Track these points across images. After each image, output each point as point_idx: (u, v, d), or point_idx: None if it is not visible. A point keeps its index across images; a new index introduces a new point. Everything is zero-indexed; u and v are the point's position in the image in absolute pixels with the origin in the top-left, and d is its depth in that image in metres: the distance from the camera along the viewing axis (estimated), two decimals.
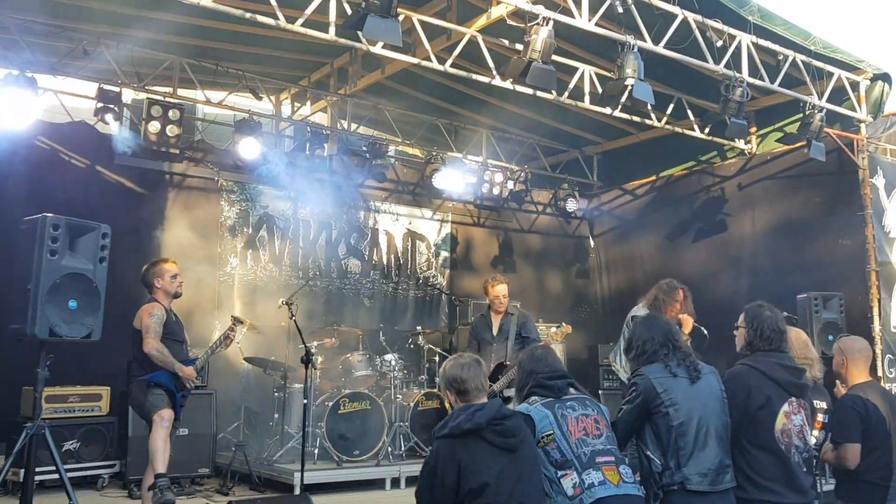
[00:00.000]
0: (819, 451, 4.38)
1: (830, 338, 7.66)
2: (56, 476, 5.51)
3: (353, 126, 10.63)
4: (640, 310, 6.66)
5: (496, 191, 11.21)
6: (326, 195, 10.26)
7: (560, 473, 3.50)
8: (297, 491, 6.73)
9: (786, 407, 3.80)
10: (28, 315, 4.49)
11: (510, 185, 11.36)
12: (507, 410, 3.52)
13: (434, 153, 10.90)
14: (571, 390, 3.79)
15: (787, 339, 4.03)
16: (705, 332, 6.18)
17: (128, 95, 8.94)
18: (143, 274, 5.74)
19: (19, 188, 7.62)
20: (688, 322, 6.23)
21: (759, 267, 9.73)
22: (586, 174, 12.15)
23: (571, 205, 11.67)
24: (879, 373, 8.27)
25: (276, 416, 8.02)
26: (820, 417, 4.39)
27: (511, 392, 6.21)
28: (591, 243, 12.60)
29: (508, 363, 6.51)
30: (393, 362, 8.43)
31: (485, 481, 3.26)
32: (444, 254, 11.46)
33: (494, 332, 6.83)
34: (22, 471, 5.31)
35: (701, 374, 3.82)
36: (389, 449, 7.93)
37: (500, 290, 6.83)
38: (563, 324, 6.91)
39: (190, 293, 6.08)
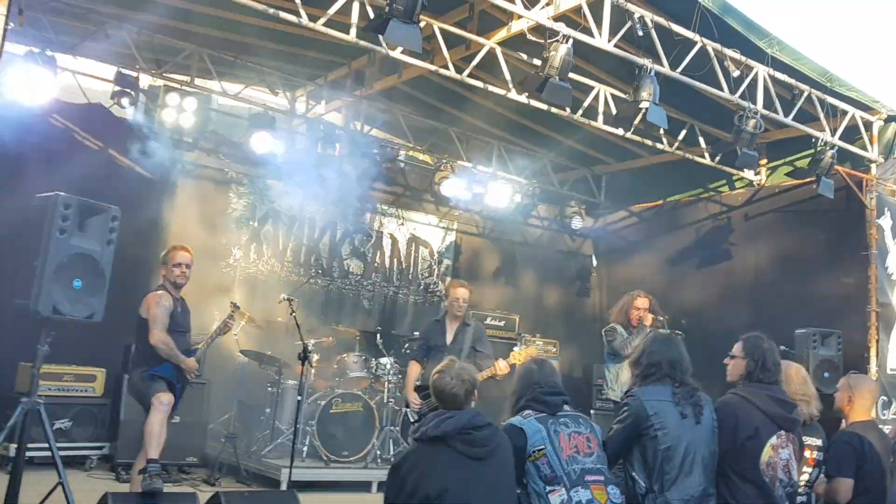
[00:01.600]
0: (810, 489, 4.39)
1: (826, 374, 7.68)
2: (45, 453, 5.51)
3: (366, 128, 10.67)
4: (612, 325, 7.08)
5: (503, 203, 11.24)
6: (334, 195, 10.29)
7: (549, 489, 3.52)
8: (284, 487, 6.73)
9: (774, 440, 3.81)
10: (33, 291, 4.52)
11: (517, 198, 11.40)
12: (480, 421, 3.53)
13: (444, 160, 10.94)
14: (566, 407, 3.81)
15: (780, 371, 4.05)
16: (661, 318, 6.94)
17: (145, 81, 8.98)
18: (161, 257, 5.74)
19: (31, 165, 7.66)
20: (647, 317, 6.89)
21: (759, 298, 9.74)
22: (594, 193, 12.16)
23: (577, 222, 11.69)
24: (873, 414, 8.22)
25: (268, 410, 8.03)
26: (814, 455, 4.39)
27: None
28: (594, 262, 12.61)
29: None
30: (388, 366, 8.44)
31: (444, 486, 3.31)
32: (447, 261, 11.48)
33: (448, 340, 6.58)
34: (12, 446, 5.34)
35: (703, 412, 3.81)
36: (378, 452, 7.94)
37: (462, 293, 6.62)
38: (524, 346, 6.80)
39: (191, 282, 6.07)
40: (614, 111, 8.45)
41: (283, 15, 6.51)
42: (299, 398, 6.55)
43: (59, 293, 4.57)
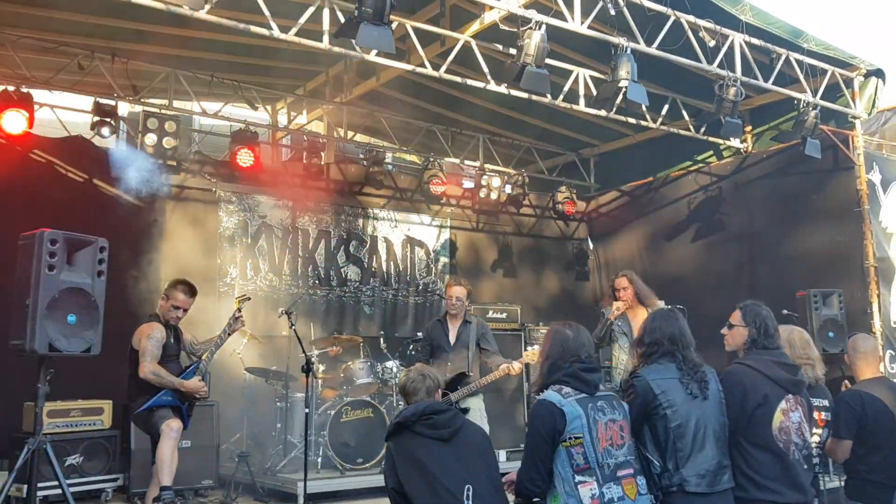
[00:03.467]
0: (822, 450, 4.39)
1: (831, 334, 7.69)
2: (59, 491, 5.49)
3: (350, 134, 10.65)
4: (603, 309, 7.02)
5: (494, 195, 11.24)
6: (325, 203, 10.29)
7: (578, 479, 3.41)
8: (301, 500, 6.72)
9: (783, 404, 3.79)
10: (27, 330, 4.50)
11: (508, 189, 11.40)
12: (439, 406, 3.80)
13: (431, 159, 10.93)
14: (601, 386, 3.66)
15: (781, 336, 4.04)
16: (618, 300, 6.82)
17: (124, 108, 8.96)
18: (167, 286, 5.77)
19: (16, 202, 7.62)
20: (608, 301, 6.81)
21: (757, 265, 9.75)
22: (583, 176, 12.17)
23: (569, 207, 11.70)
24: (881, 369, 8.26)
25: (279, 425, 8.01)
26: (822, 416, 4.39)
27: (469, 402, 6.19)
28: (590, 245, 12.61)
29: (471, 374, 6.35)
30: (394, 369, 8.41)
31: (421, 464, 3.57)
32: (444, 259, 11.46)
33: (451, 339, 6.49)
34: (24, 486, 5.32)
35: (709, 387, 3.77)
36: None
37: (455, 291, 6.52)
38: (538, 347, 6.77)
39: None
40: (595, 93, 8.42)
41: (254, 29, 6.49)
42: (307, 410, 6.52)
43: (53, 330, 4.54)
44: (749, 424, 3.76)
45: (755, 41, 7.98)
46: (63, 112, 8.80)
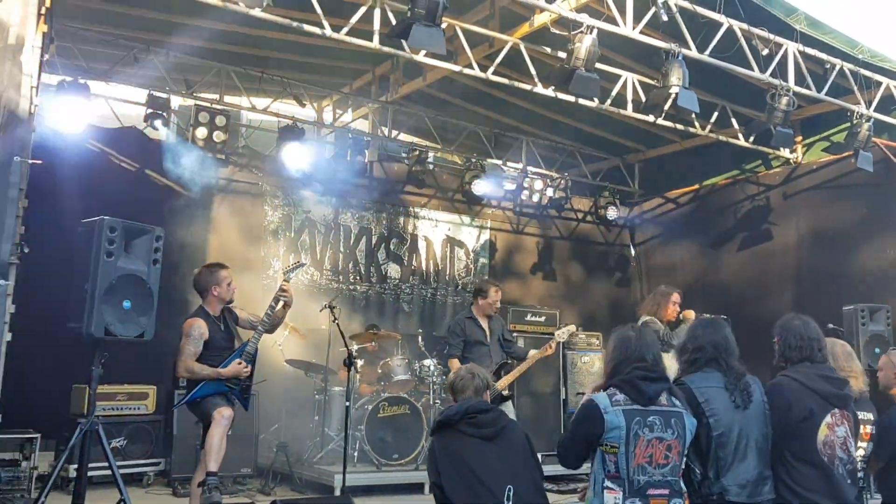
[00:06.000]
0: (867, 464, 4.33)
1: (877, 350, 7.52)
2: (104, 472, 5.63)
3: (394, 133, 10.73)
4: (649, 317, 7.20)
5: (536, 198, 11.23)
6: (367, 201, 10.39)
7: (607, 483, 3.44)
8: (338, 493, 6.80)
9: (828, 419, 3.75)
10: (85, 314, 4.63)
11: (550, 192, 11.38)
12: (485, 405, 3.88)
13: (474, 160, 10.95)
14: (662, 399, 3.51)
15: (822, 347, 3.94)
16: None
17: (176, 102, 9.13)
18: (198, 278, 5.67)
19: (72, 190, 7.79)
20: (689, 315, 7.03)
21: (803, 277, 9.60)
22: (627, 182, 12.08)
23: (612, 213, 11.64)
24: None
25: (317, 418, 8.11)
26: (867, 429, 4.32)
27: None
28: (632, 252, 12.52)
29: (510, 362, 6.92)
30: (432, 367, 8.44)
31: (463, 462, 3.65)
32: (483, 260, 11.48)
33: (488, 334, 7.10)
34: (72, 466, 5.47)
35: (752, 397, 3.73)
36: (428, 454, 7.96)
37: (500, 295, 7.28)
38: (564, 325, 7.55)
39: (236, 297, 6.15)
40: (643, 98, 8.37)
41: (306, 27, 6.59)
42: (347, 404, 6.60)
43: (109, 314, 4.67)
44: (794, 437, 3.73)
45: (809, 51, 7.87)
46: (117, 104, 9.00)
